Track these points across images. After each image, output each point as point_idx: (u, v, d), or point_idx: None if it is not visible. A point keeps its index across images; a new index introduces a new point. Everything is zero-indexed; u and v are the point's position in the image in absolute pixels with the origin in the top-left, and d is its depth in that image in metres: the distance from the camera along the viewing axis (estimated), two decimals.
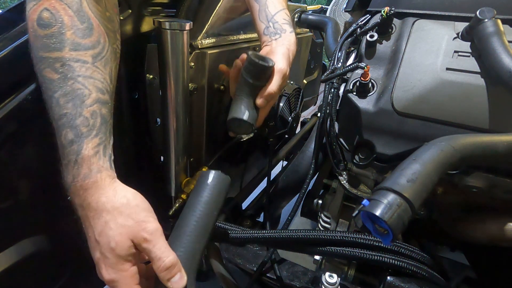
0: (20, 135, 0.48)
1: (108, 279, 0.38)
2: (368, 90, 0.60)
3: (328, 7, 1.85)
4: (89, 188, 0.38)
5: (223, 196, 0.46)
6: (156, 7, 0.67)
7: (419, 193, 0.36)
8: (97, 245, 0.38)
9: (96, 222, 0.38)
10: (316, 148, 0.75)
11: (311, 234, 0.56)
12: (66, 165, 0.38)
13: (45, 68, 0.38)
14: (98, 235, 0.38)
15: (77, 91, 0.38)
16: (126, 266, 0.38)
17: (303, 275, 0.64)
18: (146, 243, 0.38)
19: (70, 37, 0.38)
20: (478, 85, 0.52)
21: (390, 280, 0.53)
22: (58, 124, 0.38)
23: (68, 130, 0.38)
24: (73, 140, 0.38)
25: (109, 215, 0.38)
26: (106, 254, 0.38)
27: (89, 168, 0.38)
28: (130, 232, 0.38)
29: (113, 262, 0.38)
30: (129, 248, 0.38)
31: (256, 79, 0.57)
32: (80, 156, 0.38)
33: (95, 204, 0.38)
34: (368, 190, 0.67)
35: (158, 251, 0.38)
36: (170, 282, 0.39)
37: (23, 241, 0.53)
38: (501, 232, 0.55)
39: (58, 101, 0.38)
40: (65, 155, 0.38)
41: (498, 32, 0.50)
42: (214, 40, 0.72)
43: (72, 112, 0.38)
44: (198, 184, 0.46)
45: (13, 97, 0.46)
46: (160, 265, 0.38)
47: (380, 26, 0.64)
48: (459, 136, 0.43)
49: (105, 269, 0.38)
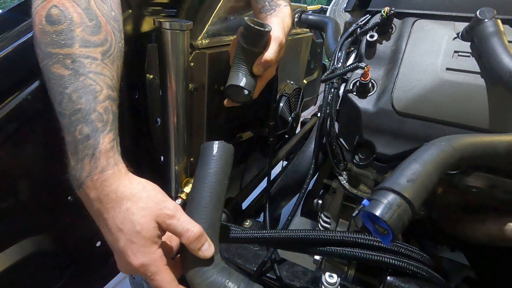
0: (20, 135, 0.48)
1: (137, 264, 0.38)
2: (368, 90, 0.60)
3: (328, 7, 1.85)
4: (106, 180, 0.38)
5: (230, 164, 0.48)
6: (156, 7, 0.67)
7: (419, 193, 0.36)
8: (121, 233, 0.38)
9: (117, 211, 0.38)
10: (316, 148, 0.75)
11: (311, 234, 0.56)
12: (81, 160, 0.38)
13: (54, 64, 0.38)
14: (121, 223, 0.38)
15: (89, 87, 0.39)
16: (153, 248, 0.39)
17: (303, 275, 0.64)
18: (170, 219, 0.40)
19: (79, 34, 0.39)
20: (478, 85, 0.52)
21: (390, 280, 0.53)
22: (72, 119, 0.38)
23: (84, 125, 0.38)
24: (89, 135, 0.38)
25: (129, 202, 0.38)
26: (133, 239, 0.38)
27: (106, 161, 0.38)
28: (153, 213, 0.39)
29: (140, 246, 0.38)
30: (154, 229, 0.39)
31: (252, 45, 0.57)
32: (97, 150, 0.38)
33: (114, 194, 0.38)
34: (368, 190, 0.67)
35: (183, 224, 0.40)
36: (200, 251, 0.41)
37: (23, 241, 0.53)
38: (501, 232, 0.55)
39: (70, 96, 0.38)
40: (79, 150, 0.38)
41: (498, 32, 0.50)
42: (214, 40, 0.72)
43: (86, 107, 0.38)
44: (203, 156, 0.47)
45: (13, 97, 0.46)
46: (189, 236, 0.40)
47: (380, 26, 0.64)
48: (459, 136, 0.43)
49: (133, 255, 0.38)
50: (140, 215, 0.38)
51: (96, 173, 0.38)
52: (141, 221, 0.38)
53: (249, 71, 0.59)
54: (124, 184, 0.39)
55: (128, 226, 0.38)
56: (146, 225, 0.38)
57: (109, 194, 0.38)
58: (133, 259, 0.38)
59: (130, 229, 0.38)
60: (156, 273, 0.39)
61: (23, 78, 0.47)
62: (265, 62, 0.58)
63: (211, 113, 0.76)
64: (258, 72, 0.59)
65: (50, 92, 0.39)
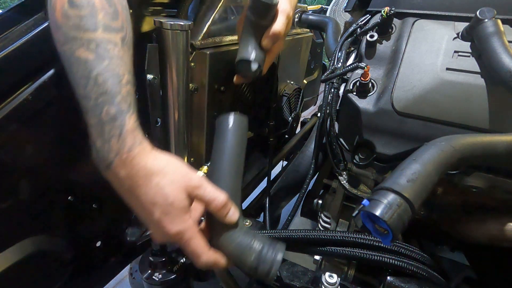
0: (20, 135, 0.48)
1: (175, 231, 0.40)
2: (368, 90, 0.60)
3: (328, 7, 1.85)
4: (135, 158, 0.40)
5: (245, 135, 0.51)
6: (156, 7, 0.67)
7: (419, 193, 0.36)
8: (154, 207, 0.40)
9: (148, 186, 0.40)
10: (316, 148, 0.75)
11: (311, 234, 0.56)
12: (108, 141, 0.39)
13: (78, 48, 0.39)
14: (153, 197, 0.40)
15: (113, 71, 0.40)
16: (186, 216, 0.42)
17: (303, 275, 0.64)
18: (198, 189, 0.42)
19: (101, 19, 0.40)
20: (478, 85, 0.52)
21: (390, 280, 0.53)
22: (97, 102, 0.39)
23: (110, 107, 0.39)
24: (116, 117, 0.39)
25: (158, 177, 0.40)
26: (167, 210, 0.40)
27: (133, 140, 0.40)
28: (181, 185, 0.41)
29: (176, 215, 0.40)
30: (185, 200, 0.41)
31: (260, 17, 0.57)
32: (124, 130, 0.39)
33: (143, 170, 0.40)
34: (368, 190, 0.67)
35: (210, 193, 0.42)
36: (227, 217, 0.44)
37: (23, 241, 0.53)
38: (501, 232, 0.55)
39: (96, 80, 0.39)
40: (105, 132, 0.39)
41: (498, 32, 0.50)
42: (214, 40, 0.72)
43: (112, 90, 0.39)
44: (220, 129, 0.50)
45: (13, 97, 0.46)
46: (217, 204, 0.42)
47: (380, 26, 0.64)
48: (459, 136, 0.43)
49: (169, 224, 0.40)
50: (170, 188, 0.40)
51: (124, 152, 0.39)
52: (172, 193, 0.40)
53: (258, 45, 0.59)
54: (151, 160, 0.41)
55: (161, 200, 0.40)
56: (177, 196, 0.41)
57: (138, 172, 0.40)
58: (170, 228, 0.40)
59: (163, 202, 0.40)
60: (191, 239, 0.42)
61: (23, 78, 0.47)
62: (273, 34, 0.58)
63: (211, 113, 0.76)
64: (267, 46, 0.59)
65: (72, 75, 0.40)
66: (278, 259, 0.43)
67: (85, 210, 0.62)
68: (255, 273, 0.44)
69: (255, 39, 0.59)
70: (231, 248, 0.44)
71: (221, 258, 0.44)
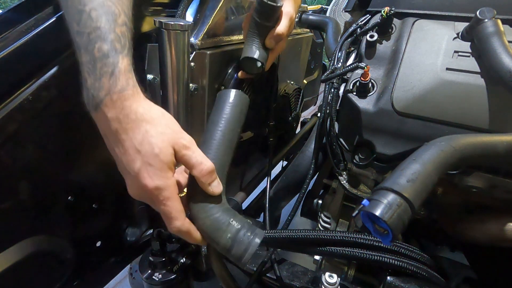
0: (20, 135, 0.48)
1: (152, 186, 0.38)
2: (368, 90, 0.60)
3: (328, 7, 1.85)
4: (127, 99, 0.38)
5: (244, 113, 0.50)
6: (156, 7, 0.67)
7: (419, 193, 0.36)
8: (138, 154, 0.38)
9: (136, 132, 0.38)
10: (316, 148, 0.75)
11: (311, 234, 0.56)
12: (99, 78, 0.37)
13: None
14: (139, 144, 0.38)
15: (109, 8, 0.38)
16: (169, 173, 0.39)
17: (303, 275, 0.64)
18: (186, 149, 0.40)
19: None
20: (478, 85, 0.52)
21: (390, 280, 0.53)
22: (90, 37, 0.37)
23: (103, 43, 0.37)
24: (108, 54, 0.37)
25: (148, 125, 0.38)
26: (150, 161, 0.38)
27: (126, 81, 0.38)
28: (171, 139, 0.39)
29: (158, 168, 0.38)
30: (171, 155, 0.39)
31: (265, 19, 0.60)
32: (117, 68, 0.37)
33: (133, 115, 0.38)
34: (368, 190, 0.67)
35: (198, 157, 0.40)
36: (210, 187, 0.41)
37: (23, 241, 0.53)
38: (501, 232, 0.55)
39: (89, 14, 0.37)
40: (97, 69, 0.37)
41: (498, 32, 0.50)
42: (215, 40, 0.72)
43: (105, 26, 0.38)
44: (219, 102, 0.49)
45: (13, 97, 0.46)
46: (202, 169, 0.40)
47: (380, 26, 0.64)
48: (459, 136, 0.43)
49: (149, 177, 0.38)
50: (159, 139, 0.38)
51: (115, 91, 0.37)
52: (160, 145, 0.38)
53: (262, 44, 0.62)
54: (144, 106, 0.39)
55: (146, 148, 0.37)
56: (165, 149, 0.38)
57: (129, 114, 0.38)
58: (149, 181, 0.38)
59: (148, 151, 0.37)
60: (168, 199, 0.39)
61: (23, 78, 0.47)
62: (277, 35, 0.61)
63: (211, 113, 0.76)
64: (270, 45, 0.62)
65: (67, 11, 0.39)
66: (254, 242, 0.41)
67: (85, 210, 0.62)
68: (227, 253, 0.41)
69: (259, 39, 0.62)
70: (207, 222, 0.41)
71: (195, 231, 0.41)
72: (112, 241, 0.70)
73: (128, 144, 0.38)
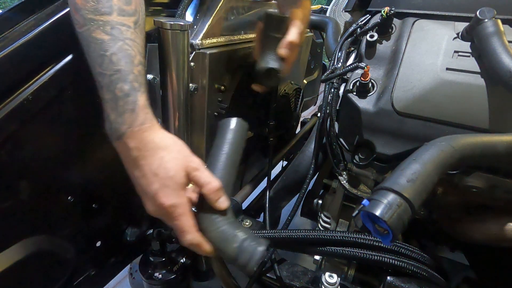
0: (20, 135, 0.48)
1: (168, 204, 0.43)
2: (368, 90, 0.60)
3: (328, 7, 1.85)
4: (145, 131, 0.44)
5: (244, 138, 0.55)
6: (156, 7, 0.67)
7: (419, 193, 0.36)
8: (155, 177, 0.43)
9: (153, 158, 0.43)
10: (316, 148, 0.75)
11: (311, 234, 0.56)
12: (121, 114, 0.43)
13: (95, 29, 0.43)
14: (156, 168, 0.43)
15: (126, 51, 0.43)
16: (182, 192, 0.44)
17: (303, 275, 0.64)
18: (196, 171, 0.45)
19: (116, 3, 0.44)
20: (478, 85, 0.52)
21: (390, 280, 0.53)
22: (112, 79, 0.43)
23: (123, 84, 0.43)
24: (129, 93, 0.43)
25: (163, 152, 0.44)
26: (166, 182, 0.43)
27: (145, 116, 0.44)
28: (183, 164, 0.45)
29: (173, 189, 0.43)
30: (184, 177, 0.45)
31: (275, 31, 0.62)
32: (137, 105, 0.43)
33: (151, 144, 0.44)
34: (368, 190, 0.67)
35: (206, 177, 0.46)
36: (217, 202, 0.46)
37: (23, 241, 0.53)
38: (501, 232, 0.55)
39: (111, 58, 0.42)
40: (119, 106, 0.43)
41: (498, 32, 0.50)
42: (214, 40, 0.72)
43: (125, 68, 0.43)
44: (221, 129, 0.54)
45: (13, 97, 0.46)
46: (210, 188, 0.45)
47: (380, 26, 0.64)
48: (459, 136, 0.43)
49: (165, 196, 0.43)
50: (172, 164, 0.44)
51: (136, 125, 0.43)
52: (174, 168, 0.44)
53: (276, 55, 0.64)
54: (160, 136, 0.45)
55: (162, 172, 0.43)
56: (178, 172, 0.44)
57: (147, 144, 0.43)
58: (165, 200, 0.43)
59: (164, 175, 0.43)
60: (182, 214, 0.44)
61: (23, 78, 0.47)
62: (289, 43, 0.63)
63: (211, 113, 0.76)
64: (284, 54, 0.64)
65: (90, 55, 0.43)
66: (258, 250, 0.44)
67: (85, 210, 0.62)
68: (235, 262, 0.45)
69: (272, 51, 0.64)
70: (215, 234, 0.46)
71: (205, 243, 0.46)
72: (112, 241, 0.70)
73: (146, 168, 0.43)
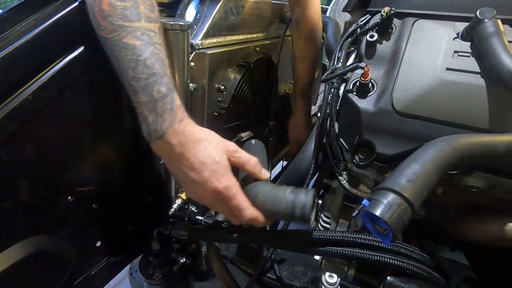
0: (20, 135, 0.48)
1: (222, 187, 0.46)
2: (368, 90, 0.60)
3: (328, 7, 1.85)
4: (186, 127, 0.47)
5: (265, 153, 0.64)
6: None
7: (419, 193, 0.36)
8: (204, 165, 0.46)
9: (197, 149, 0.47)
10: (316, 148, 0.75)
11: (311, 234, 0.56)
12: (161, 115, 0.46)
13: (126, 35, 0.44)
14: (203, 157, 0.46)
15: (158, 55, 0.46)
16: (231, 174, 0.48)
17: (303, 275, 0.64)
18: (236, 153, 0.50)
19: (143, 10, 0.46)
20: (478, 85, 0.52)
21: (390, 280, 0.53)
22: (148, 82, 0.45)
23: (160, 86, 0.45)
24: (167, 94, 0.46)
25: (204, 142, 0.48)
26: (215, 168, 0.47)
27: (182, 113, 0.47)
28: (223, 149, 0.49)
29: (222, 172, 0.47)
30: (227, 160, 0.49)
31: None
32: (175, 104, 0.47)
33: (193, 136, 0.47)
34: (368, 190, 0.67)
35: (245, 156, 0.51)
36: (261, 174, 0.52)
37: (23, 241, 0.53)
38: (501, 232, 0.55)
39: (145, 63, 0.45)
40: (158, 107, 0.46)
41: (498, 32, 0.50)
42: (214, 40, 0.72)
43: (160, 71, 0.46)
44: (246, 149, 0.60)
45: (13, 97, 0.46)
46: (252, 163, 0.51)
47: (380, 26, 0.64)
48: (459, 136, 0.43)
49: (217, 180, 0.46)
50: (216, 150, 0.48)
51: (176, 122, 0.46)
52: (218, 154, 0.47)
53: None
54: (197, 129, 0.48)
55: (209, 159, 0.47)
56: (222, 156, 0.48)
57: (189, 138, 0.47)
58: (218, 184, 0.46)
59: (211, 161, 0.47)
60: (236, 193, 0.47)
61: (23, 78, 0.47)
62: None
63: (211, 113, 0.76)
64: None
65: (120, 60, 0.45)
66: (309, 196, 0.48)
67: (85, 210, 0.62)
68: (292, 218, 0.48)
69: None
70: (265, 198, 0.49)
71: (261, 214, 0.49)
72: (112, 241, 0.70)
73: (193, 160, 0.46)
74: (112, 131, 0.63)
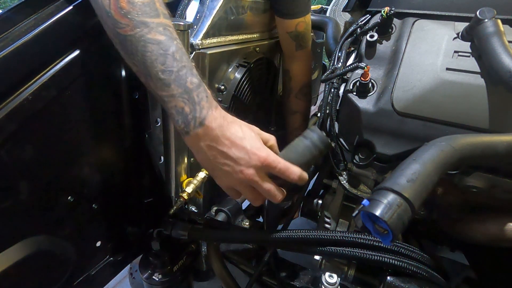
0: (20, 135, 0.48)
1: (265, 154, 0.49)
2: (368, 90, 0.60)
3: (328, 7, 1.85)
4: (221, 111, 0.50)
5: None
6: None
7: (419, 193, 0.36)
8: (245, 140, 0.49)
9: (236, 128, 0.50)
10: None
11: (311, 234, 0.56)
12: (198, 103, 0.47)
13: (150, 31, 0.45)
14: (242, 133, 0.50)
15: (182, 49, 0.47)
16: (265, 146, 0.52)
17: (303, 275, 0.64)
18: (270, 141, 0.54)
19: (159, 7, 0.47)
20: (478, 85, 0.52)
21: (390, 280, 0.53)
22: (180, 74, 0.46)
23: (192, 77, 0.47)
24: (200, 84, 0.48)
25: (238, 122, 0.51)
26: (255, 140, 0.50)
27: (215, 99, 0.50)
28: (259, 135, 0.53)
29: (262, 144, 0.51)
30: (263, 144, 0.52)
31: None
32: (207, 92, 0.49)
33: (230, 118, 0.50)
34: (368, 190, 0.67)
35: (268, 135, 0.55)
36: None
37: (23, 241, 0.53)
38: (501, 232, 0.55)
39: (174, 56, 0.46)
40: (194, 97, 0.47)
41: (498, 32, 0.50)
42: (214, 40, 0.72)
43: (188, 64, 0.47)
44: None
45: (13, 97, 0.46)
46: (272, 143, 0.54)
47: (380, 26, 0.64)
48: (459, 136, 0.43)
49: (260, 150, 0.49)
50: (249, 127, 0.52)
51: (213, 107, 0.49)
52: (254, 131, 0.52)
53: None
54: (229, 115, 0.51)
55: (248, 133, 0.50)
56: (256, 133, 0.52)
57: (227, 118, 0.50)
58: (261, 154, 0.49)
59: (250, 135, 0.50)
60: (279, 160, 0.50)
61: (23, 78, 0.47)
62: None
63: None
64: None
65: (146, 55, 0.45)
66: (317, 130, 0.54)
67: (85, 210, 0.62)
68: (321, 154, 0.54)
69: None
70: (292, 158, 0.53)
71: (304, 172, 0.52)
72: (112, 241, 0.70)
73: (234, 137, 0.49)
74: (112, 131, 0.63)
